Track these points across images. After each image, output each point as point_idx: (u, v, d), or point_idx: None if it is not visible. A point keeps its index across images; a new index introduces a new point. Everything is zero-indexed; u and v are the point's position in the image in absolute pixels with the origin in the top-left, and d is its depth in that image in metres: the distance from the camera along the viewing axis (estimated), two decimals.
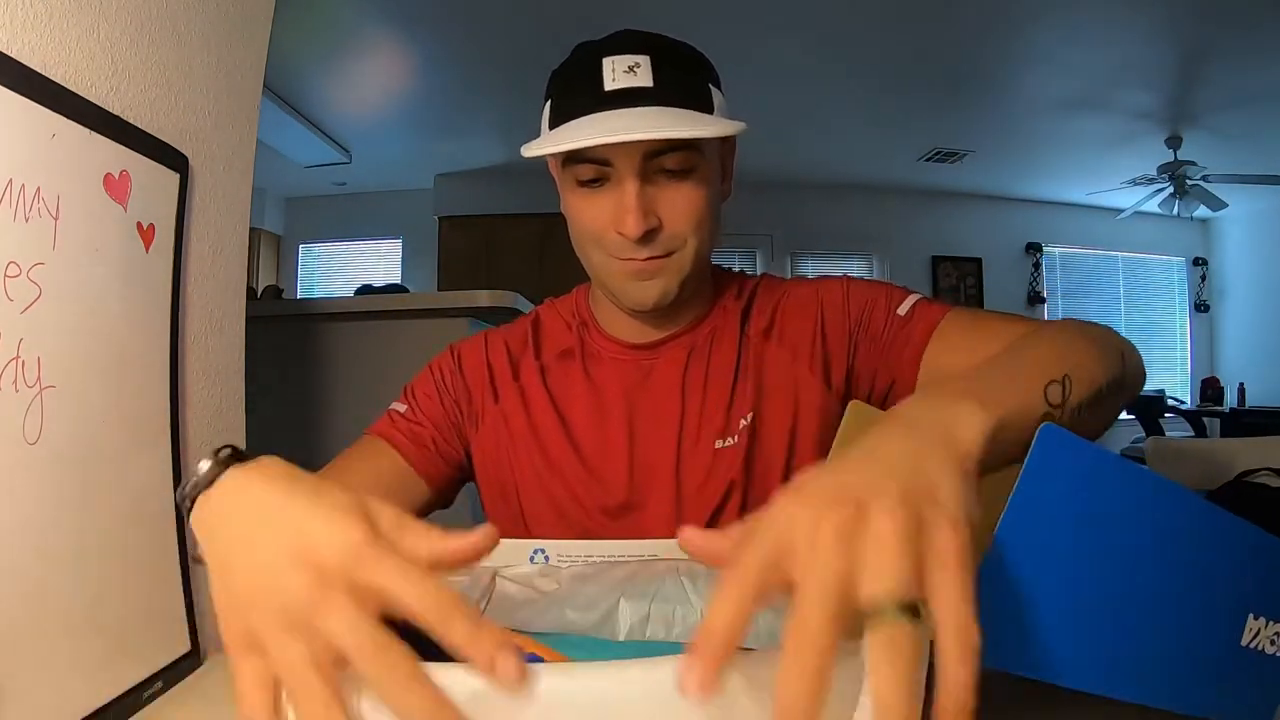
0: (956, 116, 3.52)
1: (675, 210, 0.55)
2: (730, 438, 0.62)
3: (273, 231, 4.70)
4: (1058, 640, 0.26)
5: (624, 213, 0.54)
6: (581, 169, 0.55)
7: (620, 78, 0.53)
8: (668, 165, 0.54)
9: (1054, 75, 3.01)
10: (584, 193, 0.56)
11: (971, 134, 3.75)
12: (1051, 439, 0.30)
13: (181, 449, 0.56)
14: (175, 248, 0.56)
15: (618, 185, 0.54)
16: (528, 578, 0.47)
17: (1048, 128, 3.58)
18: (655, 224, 0.55)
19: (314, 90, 3.24)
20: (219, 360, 0.63)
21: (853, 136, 3.84)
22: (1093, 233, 4.91)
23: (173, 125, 0.57)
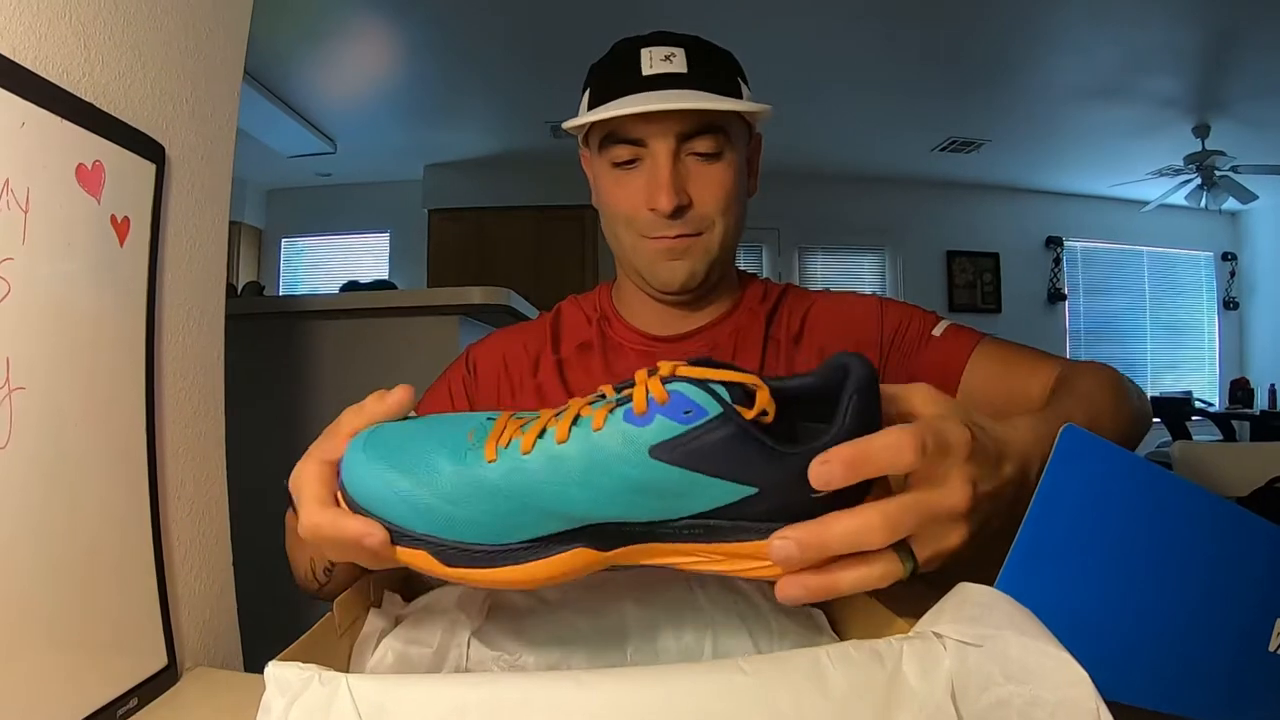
0: (973, 104, 3.52)
1: (705, 190, 0.60)
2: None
3: (254, 225, 4.71)
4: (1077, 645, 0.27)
5: (657, 188, 0.59)
6: (617, 150, 0.60)
7: (658, 64, 0.59)
8: (698, 149, 0.59)
9: (1075, 60, 3.01)
10: (618, 175, 0.62)
11: (989, 122, 3.75)
12: (1074, 441, 0.30)
13: (158, 452, 0.56)
14: (151, 242, 0.56)
15: (651, 164, 0.60)
16: None
17: (1069, 116, 3.58)
18: (686, 202, 0.59)
19: (297, 77, 3.24)
20: (197, 360, 0.63)
21: (864, 125, 3.84)
22: (1116, 226, 4.91)
23: (149, 113, 0.57)
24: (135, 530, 0.54)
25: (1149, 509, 0.32)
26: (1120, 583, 0.31)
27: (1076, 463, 0.30)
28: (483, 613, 0.43)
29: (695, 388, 0.29)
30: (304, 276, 4.93)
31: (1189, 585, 0.33)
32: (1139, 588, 0.32)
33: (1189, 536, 0.33)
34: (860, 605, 0.41)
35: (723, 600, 0.44)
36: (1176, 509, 0.33)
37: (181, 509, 0.59)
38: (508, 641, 0.41)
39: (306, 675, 0.27)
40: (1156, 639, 0.32)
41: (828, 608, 0.47)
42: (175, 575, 0.57)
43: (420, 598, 0.48)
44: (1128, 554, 0.31)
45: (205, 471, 0.63)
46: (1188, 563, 0.33)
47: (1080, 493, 0.31)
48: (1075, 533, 0.31)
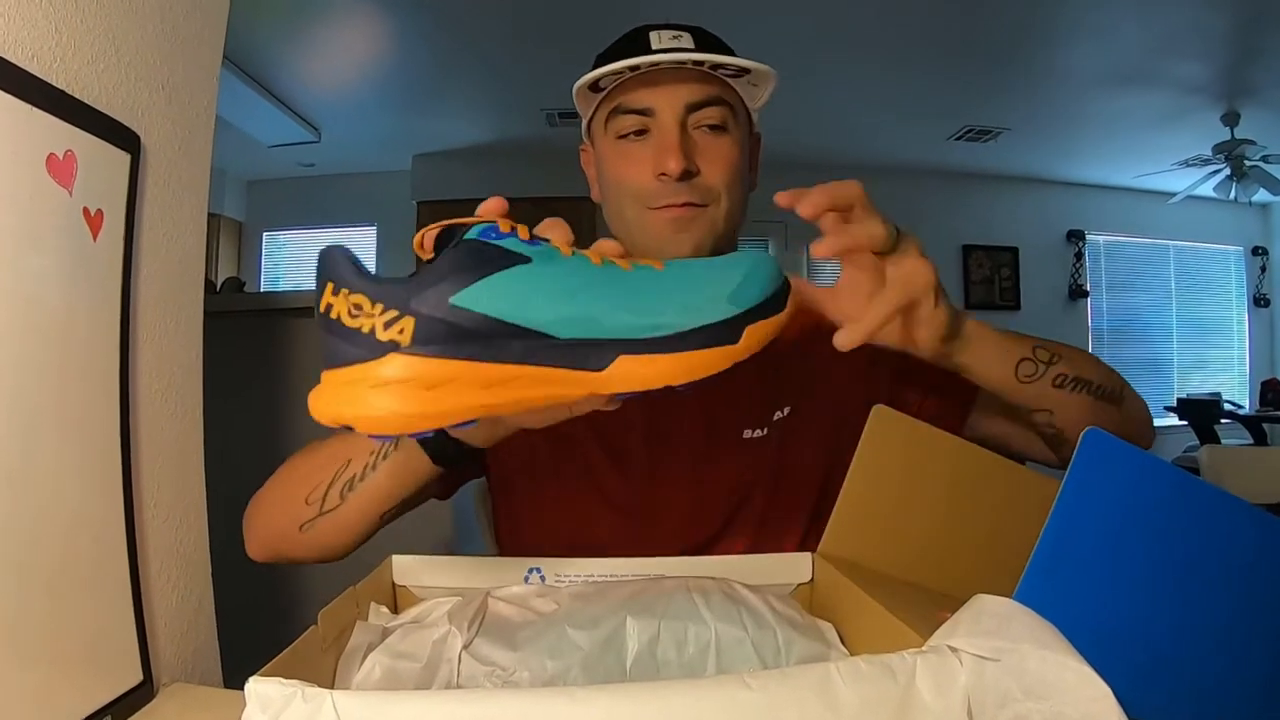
0: (990, 91, 3.52)
1: (712, 162, 0.63)
2: (760, 429, 0.66)
3: (234, 218, 4.70)
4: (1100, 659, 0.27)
5: (665, 150, 0.61)
6: (625, 120, 0.64)
7: (666, 41, 0.63)
8: (706, 120, 0.63)
9: (1098, 44, 3.01)
10: (625, 147, 0.64)
11: (1007, 110, 3.75)
12: (1097, 444, 0.31)
13: (132, 457, 0.56)
14: (126, 236, 0.56)
15: (659, 132, 0.63)
16: (523, 598, 0.47)
17: (1091, 103, 3.58)
18: (693, 169, 0.62)
19: (280, 61, 3.24)
20: (174, 361, 0.63)
21: (875, 113, 3.84)
22: (1141, 219, 4.91)
23: (123, 100, 0.57)
24: (109, 539, 0.54)
25: (1176, 516, 0.32)
26: (1145, 593, 0.31)
27: (1099, 467, 0.30)
28: (474, 625, 0.43)
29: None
30: (286, 272, 4.92)
31: (1218, 596, 0.33)
32: (1165, 599, 0.32)
33: (1217, 545, 0.33)
34: (873, 618, 0.41)
35: (727, 612, 0.44)
36: (1205, 516, 0.33)
37: (158, 517, 0.59)
38: (501, 655, 0.41)
39: (289, 691, 0.27)
40: (1183, 652, 0.32)
41: (838, 622, 0.47)
42: (151, 586, 0.57)
43: (409, 610, 0.48)
44: (1153, 563, 0.32)
45: (183, 477, 0.63)
46: (1216, 573, 0.33)
47: (1103, 499, 0.31)
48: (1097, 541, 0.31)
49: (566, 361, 0.35)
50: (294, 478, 0.56)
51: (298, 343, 1.52)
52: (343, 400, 0.34)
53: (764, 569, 0.52)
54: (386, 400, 0.33)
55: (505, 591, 0.49)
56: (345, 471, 0.52)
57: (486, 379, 0.34)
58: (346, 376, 0.34)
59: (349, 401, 0.33)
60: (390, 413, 0.33)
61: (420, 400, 0.33)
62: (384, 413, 0.33)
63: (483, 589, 0.49)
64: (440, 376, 0.33)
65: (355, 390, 0.33)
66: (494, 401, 0.34)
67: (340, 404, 0.34)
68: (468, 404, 0.34)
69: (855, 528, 0.52)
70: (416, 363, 0.33)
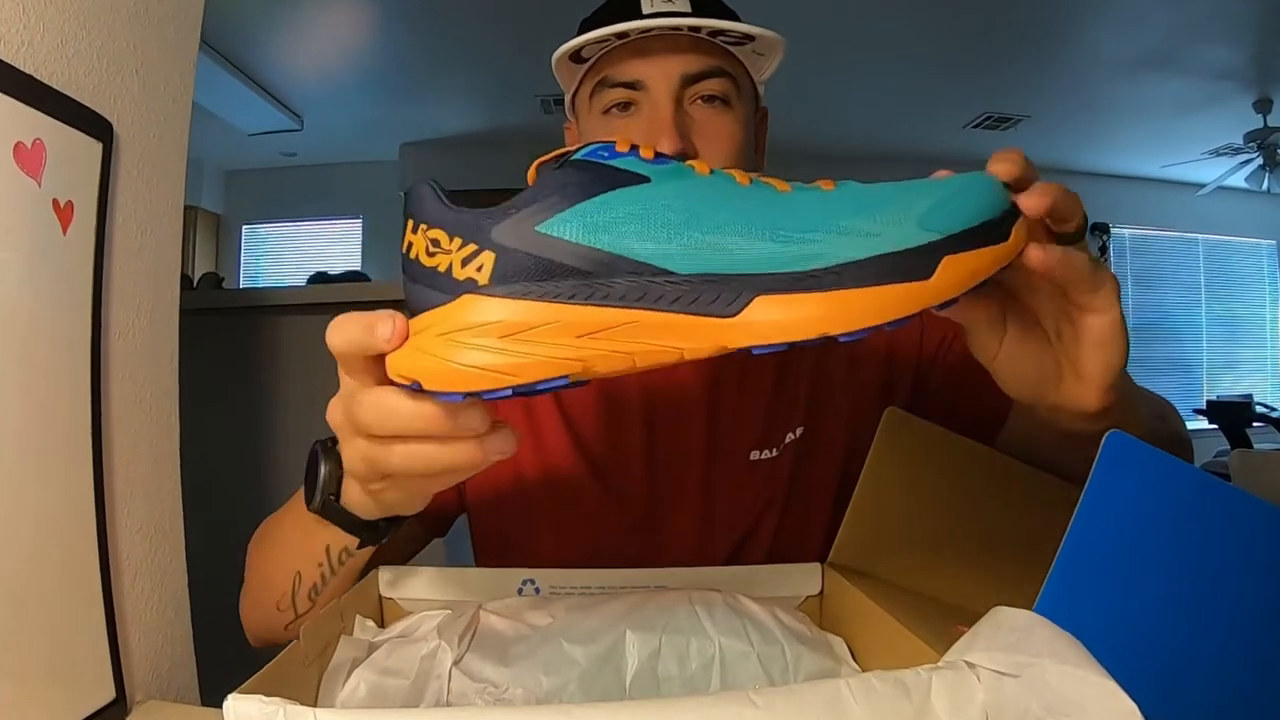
0: (1010, 76, 3.52)
1: (711, 140, 0.58)
2: (770, 450, 0.63)
3: (211, 210, 4.70)
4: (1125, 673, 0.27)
5: (657, 128, 0.57)
6: (612, 94, 0.59)
7: (659, 4, 0.58)
8: (704, 91, 0.58)
9: (1124, 28, 3.00)
10: (610, 123, 0.60)
11: (1028, 96, 3.75)
12: (1120, 448, 0.31)
13: (105, 463, 0.56)
14: (98, 229, 0.56)
15: (650, 108, 0.58)
16: (517, 611, 0.47)
17: (1116, 89, 3.58)
18: (690, 150, 0.57)
19: (260, 45, 3.23)
20: (149, 359, 0.63)
21: (890, 99, 3.84)
22: (1168, 211, 4.91)
23: (94, 86, 0.57)
24: (79, 549, 0.54)
25: (1204, 524, 0.32)
26: (1172, 605, 0.31)
27: (1123, 472, 0.30)
28: (465, 640, 0.43)
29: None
30: (267, 267, 4.92)
31: (1249, 608, 0.33)
32: (1193, 610, 0.32)
33: (1249, 554, 0.33)
34: (885, 632, 0.41)
35: (732, 625, 0.44)
36: (1235, 524, 0.33)
37: (131, 525, 0.59)
38: (493, 672, 0.41)
39: (270, 710, 0.27)
40: (1212, 666, 0.32)
41: (848, 635, 0.47)
42: (124, 598, 0.57)
43: (396, 624, 0.48)
44: (1180, 573, 0.32)
45: (157, 483, 0.63)
46: (1247, 583, 0.33)
47: (1127, 506, 0.31)
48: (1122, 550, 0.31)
49: (687, 304, 0.29)
50: (258, 579, 0.54)
51: (279, 342, 1.52)
52: (409, 353, 0.30)
53: (771, 580, 0.52)
54: (454, 351, 0.29)
55: (498, 604, 0.49)
56: (301, 584, 0.49)
57: (581, 326, 0.29)
58: (418, 325, 0.30)
59: (414, 354, 0.30)
60: (456, 367, 0.29)
61: (495, 353, 0.29)
62: (449, 367, 0.29)
63: (474, 602, 0.49)
64: (522, 322, 0.29)
65: (423, 340, 0.30)
66: (590, 354, 0.29)
67: (405, 358, 0.30)
68: (556, 357, 0.29)
69: (867, 536, 0.52)
70: (493, 304, 0.29)
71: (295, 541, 0.49)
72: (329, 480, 0.42)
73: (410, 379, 0.30)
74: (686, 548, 0.63)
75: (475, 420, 0.32)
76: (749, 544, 0.64)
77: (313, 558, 0.47)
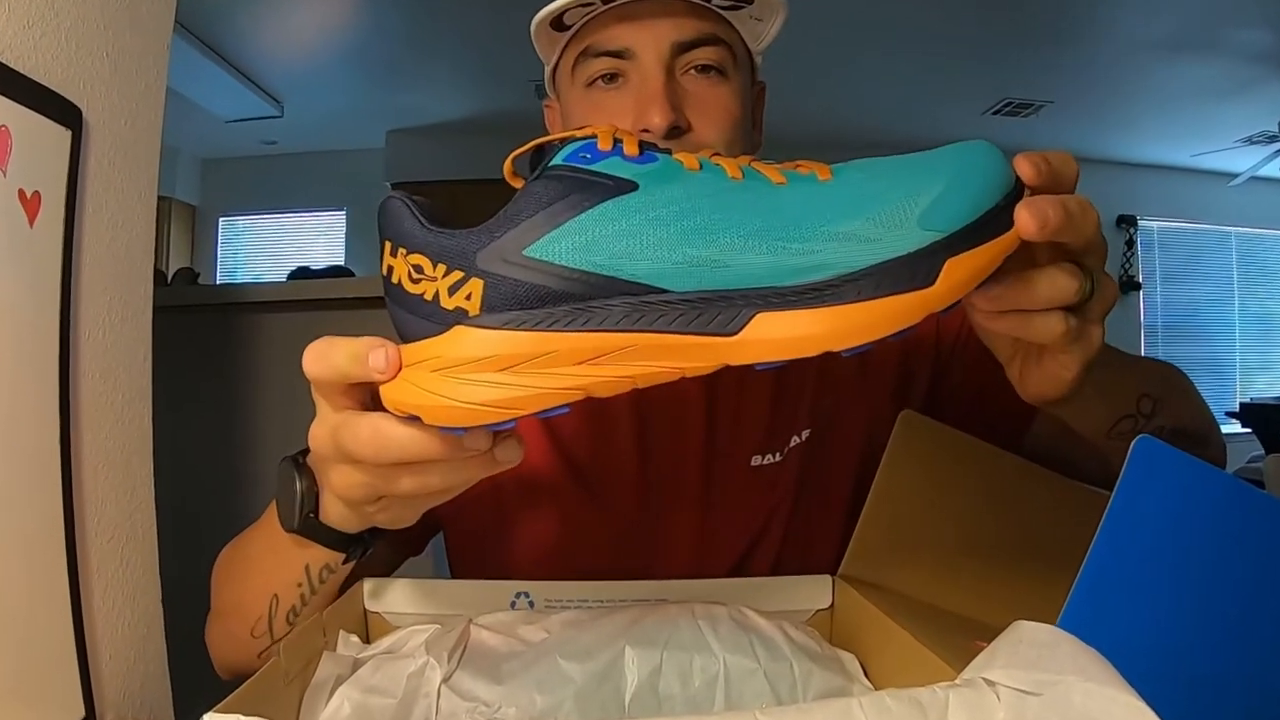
0: (1032, 60, 3.52)
1: (706, 113, 0.57)
2: (773, 454, 0.63)
3: (187, 201, 4.70)
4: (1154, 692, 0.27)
5: (647, 103, 0.55)
6: (597, 63, 0.57)
7: None
8: (698, 60, 0.57)
9: (1152, 7, 3.00)
10: (595, 97, 0.59)
11: (1050, 81, 3.75)
12: (1149, 453, 0.31)
13: (73, 469, 0.56)
14: (66, 221, 0.56)
15: (639, 79, 0.57)
16: (509, 626, 0.47)
17: (1144, 73, 3.58)
18: (683, 124, 0.56)
19: (238, 28, 3.23)
20: (120, 359, 0.63)
21: (904, 85, 3.84)
22: (1199, 203, 4.91)
23: (63, 70, 0.57)
24: (46, 560, 0.53)
25: (1237, 533, 0.32)
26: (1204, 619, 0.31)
27: (1152, 479, 0.30)
28: (455, 656, 0.43)
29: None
30: (245, 262, 4.92)
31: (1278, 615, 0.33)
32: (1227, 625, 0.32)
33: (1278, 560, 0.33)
34: (900, 647, 0.41)
35: (737, 640, 0.44)
36: (1271, 533, 0.33)
37: (102, 535, 0.59)
38: (484, 690, 0.41)
39: None
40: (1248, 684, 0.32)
41: (861, 651, 0.47)
42: (94, 612, 0.57)
43: (382, 639, 0.48)
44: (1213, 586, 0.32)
45: (130, 491, 0.63)
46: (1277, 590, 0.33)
47: (1157, 514, 0.31)
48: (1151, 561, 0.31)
49: (687, 325, 0.29)
50: (229, 606, 0.53)
51: (258, 341, 1.52)
52: (406, 386, 0.31)
53: (778, 593, 0.52)
54: (453, 389, 0.30)
55: (489, 618, 0.49)
56: (279, 607, 0.49)
57: (579, 353, 0.30)
58: (412, 356, 0.31)
59: (411, 388, 0.31)
60: (456, 404, 0.29)
61: (494, 387, 0.29)
62: (449, 404, 0.29)
63: (464, 616, 0.49)
64: (519, 354, 0.29)
65: (418, 375, 0.30)
66: (590, 381, 0.30)
67: (403, 391, 0.31)
68: (557, 388, 0.30)
69: (880, 547, 0.52)
70: (488, 338, 0.29)
71: (269, 563, 0.48)
72: (306, 497, 0.42)
73: (408, 412, 0.31)
74: (683, 561, 0.62)
75: (480, 441, 0.33)
76: (752, 556, 0.63)
77: (290, 578, 0.47)
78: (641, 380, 0.31)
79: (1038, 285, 0.34)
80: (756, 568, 0.63)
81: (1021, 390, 0.43)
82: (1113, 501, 0.30)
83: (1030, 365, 0.41)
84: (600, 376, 0.30)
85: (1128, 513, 0.30)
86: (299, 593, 0.47)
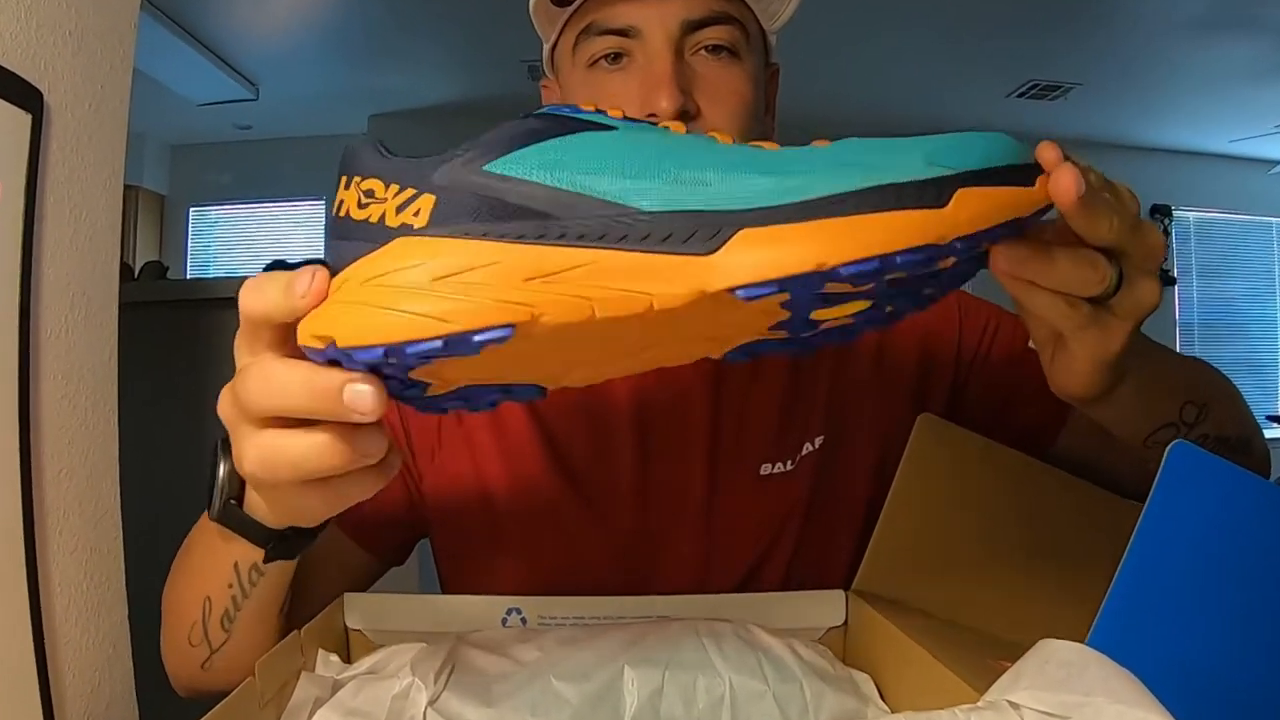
0: (1059, 39, 3.52)
1: (716, 96, 0.57)
2: (783, 463, 0.63)
3: (155, 190, 4.70)
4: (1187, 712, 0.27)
5: (654, 85, 0.55)
6: (600, 41, 0.57)
7: None
8: (708, 40, 0.57)
9: None
10: (597, 78, 0.59)
11: (1078, 62, 3.75)
12: (1185, 460, 0.31)
13: (34, 476, 0.56)
14: (26, 212, 0.56)
15: (645, 59, 0.57)
16: (500, 644, 0.47)
17: (1179, 53, 3.58)
18: (692, 108, 0.56)
19: (209, 4, 3.23)
20: (84, 359, 0.63)
21: (920, 66, 3.84)
22: (1238, 192, 4.91)
23: (22, 50, 0.57)
24: (4, 574, 0.53)
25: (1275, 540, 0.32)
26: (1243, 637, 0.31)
27: (1188, 488, 0.30)
28: (443, 677, 0.43)
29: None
30: (218, 255, 4.92)
31: None
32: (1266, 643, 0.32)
33: None
34: (917, 667, 0.41)
35: (744, 660, 0.44)
36: None
37: (63, 546, 0.59)
38: (474, 713, 0.41)
39: None
40: None
41: (876, 671, 0.47)
42: (56, 630, 0.57)
43: (364, 658, 0.48)
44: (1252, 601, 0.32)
45: (94, 499, 0.63)
46: None
47: (1193, 525, 0.31)
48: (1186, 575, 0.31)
49: (657, 242, 0.27)
50: (170, 611, 0.53)
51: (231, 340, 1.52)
52: (324, 308, 0.29)
53: (788, 609, 0.52)
54: (377, 296, 0.28)
55: (479, 636, 0.49)
56: (212, 610, 0.48)
57: (529, 268, 0.27)
58: (339, 281, 0.29)
59: (330, 307, 0.29)
60: (378, 313, 0.27)
61: (425, 296, 0.27)
62: (369, 315, 0.27)
63: (452, 633, 0.49)
64: (459, 264, 0.27)
65: (342, 291, 0.29)
66: (539, 299, 0.27)
67: (319, 314, 0.29)
68: (499, 301, 0.27)
69: (897, 560, 0.52)
70: (427, 244, 0.28)
71: (203, 562, 0.48)
72: (229, 480, 0.41)
73: (324, 339, 0.29)
74: (686, 576, 0.62)
75: (365, 401, 0.30)
76: (760, 572, 0.63)
77: (221, 578, 0.46)
78: (601, 306, 0.28)
79: (1058, 262, 0.33)
80: (765, 583, 0.63)
81: (1050, 381, 0.43)
82: (1146, 511, 0.30)
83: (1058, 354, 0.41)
84: (550, 295, 0.27)
85: (1163, 523, 0.30)
86: (230, 595, 0.47)
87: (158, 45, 3.34)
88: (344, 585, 0.55)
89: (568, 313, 0.28)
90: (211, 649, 0.49)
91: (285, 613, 0.51)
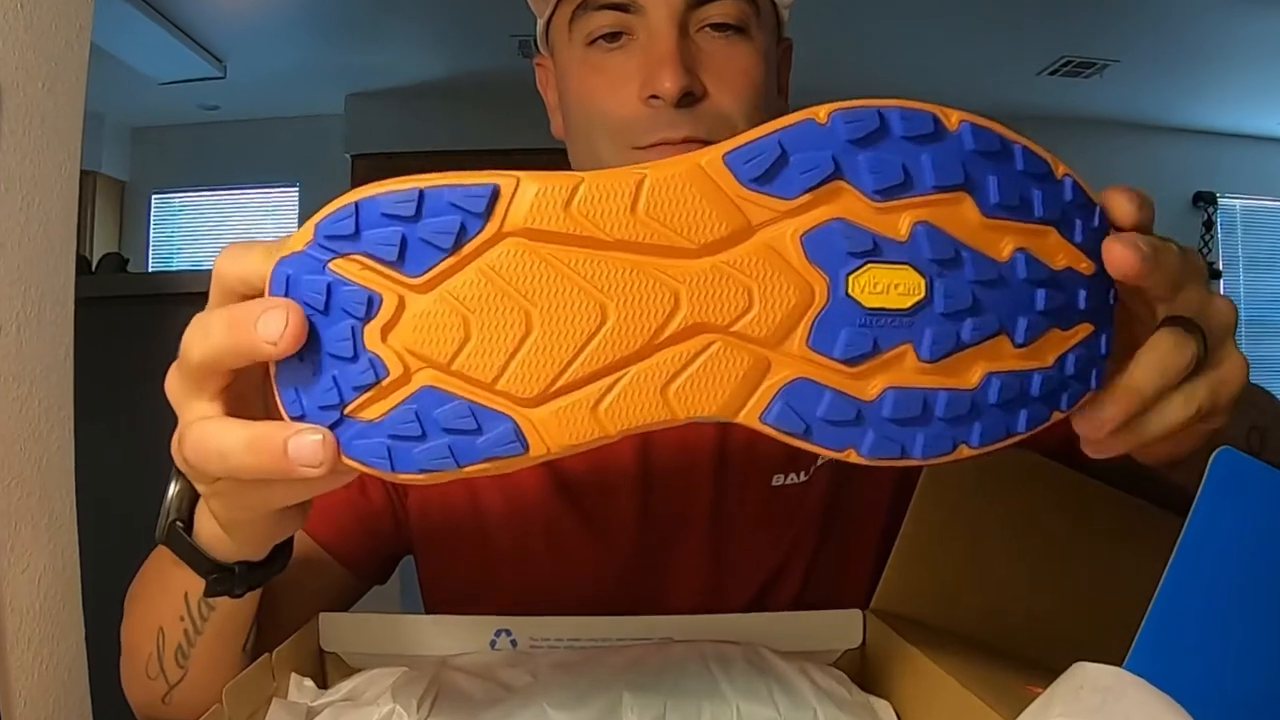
0: (1094, 13, 3.52)
1: (723, 76, 0.57)
2: (796, 473, 0.63)
3: (114, 176, 4.71)
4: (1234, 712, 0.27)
5: (657, 62, 0.55)
6: (598, 17, 0.57)
7: None
8: (715, 16, 0.57)
9: None
10: (597, 58, 0.58)
11: (1115, 38, 3.75)
12: (1231, 467, 0.31)
13: None
14: None
15: (647, 37, 0.57)
16: (489, 669, 0.47)
17: (1222, 28, 3.58)
18: (698, 89, 0.56)
19: None
20: (37, 359, 0.63)
21: (945, 42, 3.84)
22: None
23: None
24: None
25: None
26: None
27: (1235, 499, 0.30)
28: (426, 704, 0.43)
29: None
30: (183, 246, 4.93)
31: None
32: None
33: None
34: (940, 693, 0.41)
35: (753, 686, 0.44)
36: None
37: (15, 563, 0.59)
38: None
39: None
40: None
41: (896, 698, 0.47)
42: (6, 654, 0.57)
43: (341, 683, 0.48)
44: None
45: (48, 511, 0.63)
46: None
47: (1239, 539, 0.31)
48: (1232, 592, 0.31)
49: None
50: (128, 641, 0.53)
51: None
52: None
53: (801, 630, 0.52)
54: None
55: (465, 660, 0.49)
56: (166, 643, 0.48)
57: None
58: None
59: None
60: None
61: None
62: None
63: (436, 657, 0.49)
64: None
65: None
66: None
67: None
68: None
69: (918, 576, 0.52)
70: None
71: (155, 589, 0.48)
72: (179, 501, 0.40)
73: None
74: (692, 596, 0.62)
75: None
76: (771, 590, 0.63)
77: (173, 609, 0.46)
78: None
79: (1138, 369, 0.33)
80: (776, 603, 0.63)
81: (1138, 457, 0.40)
82: (1189, 523, 0.30)
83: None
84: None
85: (1206, 536, 0.30)
86: (182, 628, 0.46)
87: (116, 19, 3.34)
88: (321, 607, 0.55)
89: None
90: (169, 684, 0.49)
91: (249, 649, 0.51)
